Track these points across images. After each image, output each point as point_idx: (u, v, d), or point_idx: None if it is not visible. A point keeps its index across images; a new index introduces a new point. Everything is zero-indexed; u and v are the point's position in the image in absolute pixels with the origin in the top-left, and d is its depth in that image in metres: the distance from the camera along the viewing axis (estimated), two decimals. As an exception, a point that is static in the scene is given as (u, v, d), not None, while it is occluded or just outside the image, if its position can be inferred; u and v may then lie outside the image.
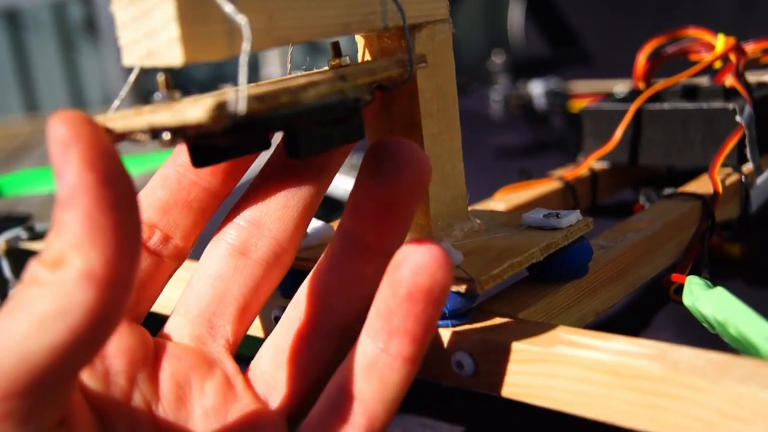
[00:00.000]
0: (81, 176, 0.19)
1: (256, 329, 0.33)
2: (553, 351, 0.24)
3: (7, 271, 0.46)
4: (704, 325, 0.28)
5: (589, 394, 0.24)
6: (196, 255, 0.30)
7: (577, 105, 0.75)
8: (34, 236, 0.46)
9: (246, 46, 0.21)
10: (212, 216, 0.29)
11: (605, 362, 0.23)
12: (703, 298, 0.27)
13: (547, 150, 0.78)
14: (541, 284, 0.29)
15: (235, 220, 0.28)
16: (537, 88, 0.79)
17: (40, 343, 0.19)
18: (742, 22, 1.11)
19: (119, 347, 0.26)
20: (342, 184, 0.61)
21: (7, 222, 0.48)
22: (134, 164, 0.61)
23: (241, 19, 0.21)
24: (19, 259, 0.45)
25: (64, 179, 0.20)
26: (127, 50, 0.22)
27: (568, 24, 1.27)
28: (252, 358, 0.40)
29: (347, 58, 0.27)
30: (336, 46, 0.27)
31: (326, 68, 0.27)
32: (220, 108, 0.20)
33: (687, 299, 0.29)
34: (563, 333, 0.25)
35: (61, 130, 0.20)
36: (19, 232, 0.46)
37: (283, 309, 0.31)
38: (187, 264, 0.30)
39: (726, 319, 0.26)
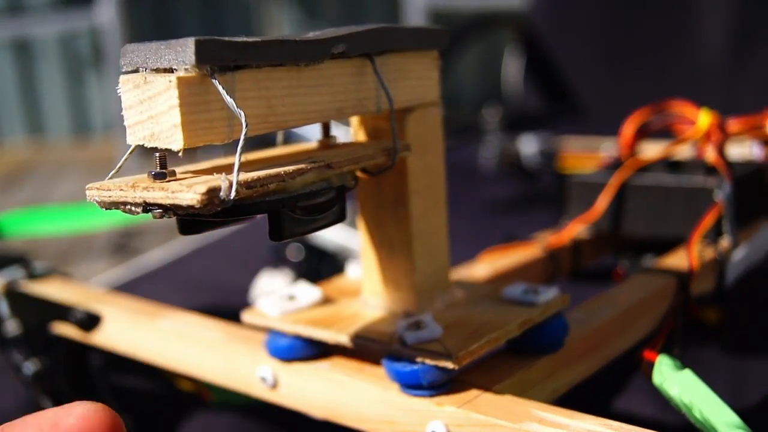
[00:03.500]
0: None
1: (243, 386, 0.34)
2: (524, 427, 0.26)
3: (5, 312, 0.47)
4: (671, 404, 0.29)
5: (556, 471, 0.25)
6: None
7: (566, 163, 0.77)
8: (32, 276, 0.47)
9: (243, 135, 0.23)
10: None
11: (573, 441, 0.25)
12: (671, 379, 0.28)
13: (535, 206, 0.80)
14: (517, 357, 0.31)
15: None
16: (527, 147, 0.81)
17: None
18: (734, 78, 1.14)
19: None
20: (332, 236, 0.63)
21: (5, 260, 0.49)
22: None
23: (241, 113, 0.23)
24: (18, 299, 0.46)
25: None
26: (131, 131, 0.24)
27: (563, 78, 1.29)
28: (239, 406, 0.41)
29: (336, 137, 0.28)
30: (327, 127, 0.28)
31: (316, 144, 0.29)
32: (211, 195, 0.22)
33: (656, 378, 0.30)
34: (535, 409, 0.27)
35: None
36: (17, 272, 0.47)
37: (270, 369, 0.32)
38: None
39: (691, 401, 0.27)
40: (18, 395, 0.50)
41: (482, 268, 0.42)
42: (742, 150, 0.54)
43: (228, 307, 0.50)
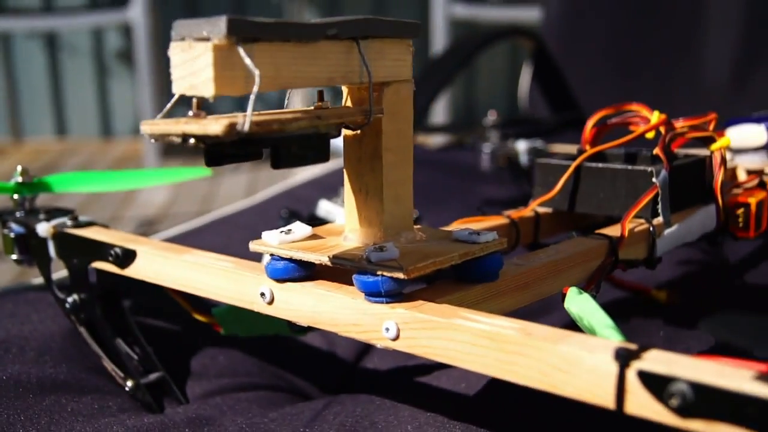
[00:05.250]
0: None
1: (247, 303, 0.43)
2: (452, 322, 0.34)
3: (53, 252, 0.56)
4: (576, 322, 0.38)
5: (475, 354, 0.34)
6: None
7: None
8: (77, 225, 0.56)
9: (255, 89, 0.32)
10: None
11: (486, 331, 0.33)
12: (573, 300, 0.37)
13: (527, 200, 0.88)
14: (460, 283, 0.39)
15: None
16: (521, 146, 0.89)
17: None
18: (736, 97, 1.21)
19: None
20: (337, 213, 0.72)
21: (54, 212, 0.58)
22: (161, 175, 0.72)
23: (256, 73, 0.31)
24: (64, 242, 0.55)
25: None
26: (176, 82, 0.33)
27: (569, 91, 1.37)
28: (247, 339, 0.50)
29: (328, 102, 0.37)
30: (321, 93, 0.37)
31: (312, 108, 0.38)
32: (231, 126, 0.31)
33: (566, 303, 0.38)
34: (462, 312, 0.35)
35: None
36: (64, 220, 0.56)
37: (268, 288, 0.41)
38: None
39: (583, 313, 0.36)
40: (59, 324, 0.58)
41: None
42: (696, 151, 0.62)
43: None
